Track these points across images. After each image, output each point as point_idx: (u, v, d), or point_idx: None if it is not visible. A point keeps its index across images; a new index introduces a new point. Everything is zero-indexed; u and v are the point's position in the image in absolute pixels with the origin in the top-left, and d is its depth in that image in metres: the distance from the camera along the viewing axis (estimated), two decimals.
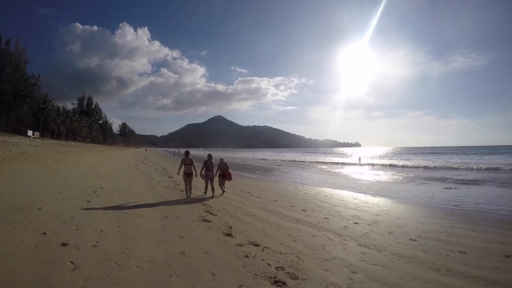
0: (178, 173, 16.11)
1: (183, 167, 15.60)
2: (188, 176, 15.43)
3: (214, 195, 16.21)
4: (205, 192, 16.48)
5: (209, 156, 16.92)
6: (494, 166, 43.90)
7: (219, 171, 17.01)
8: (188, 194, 15.47)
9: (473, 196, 19.23)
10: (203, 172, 16.21)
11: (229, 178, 17.17)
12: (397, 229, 10.68)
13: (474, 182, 27.78)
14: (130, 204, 12.41)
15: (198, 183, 17.17)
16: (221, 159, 17.56)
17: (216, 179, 16.85)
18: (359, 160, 67.85)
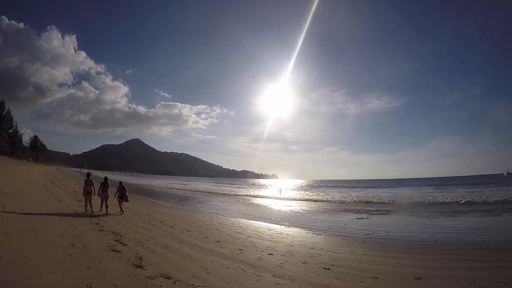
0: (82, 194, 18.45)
1: (85, 186, 17.97)
2: (88, 194, 17.82)
3: (108, 212, 18.18)
4: (100, 210, 18.31)
5: (105, 178, 19.48)
6: (403, 197, 46.64)
7: (118, 193, 19.30)
8: (89, 209, 17.66)
9: (384, 225, 20.30)
10: (99, 192, 18.37)
11: (127, 200, 19.55)
12: (311, 259, 10.82)
13: (385, 212, 29.34)
14: (34, 228, 11.42)
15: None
16: (120, 183, 20.22)
17: (113, 199, 19.11)
18: (280, 192, 68.12)
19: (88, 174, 19.03)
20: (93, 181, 18.27)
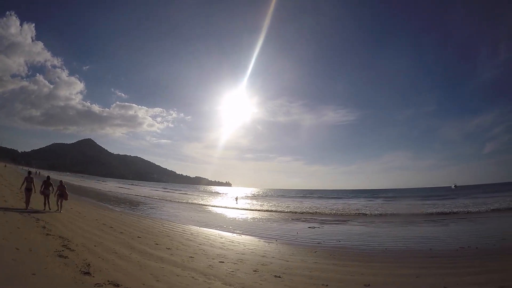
0: (20, 188, 19.88)
1: (25, 183, 18.83)
2: (28, 191, 18.59)
3: (51, 209, 19.06)
4: (44, 208, 18.91)
5: (48, 177, 20.52)
6: (354, 207, 47.98)
7: (58, 191, 19.91)
8: (27, 206, 18.14)
9: (335, 234, 20.80)
10: (42, 190, 19.28)
11: (66, 198, 20.25)
12: (262, 267, 10.88)
13: (336, 221, 30.00)
14: None
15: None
16: (61, 181, 20.78)
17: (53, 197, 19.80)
18: (236, 200, 67.71)
19: (29, 173, 20.60)
20: (33, 179, 19.28)
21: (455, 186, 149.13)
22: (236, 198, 70.67)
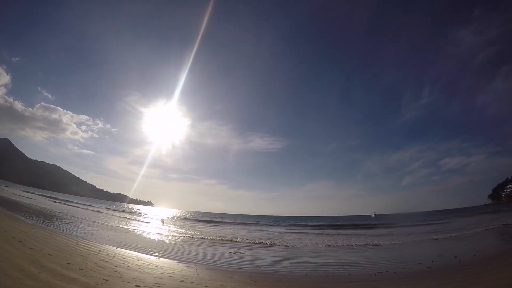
0: None
1: None
2: None
3: None
4: None
5: None
6: (277, 234, 48.72)
7: None
8: None
9: (256, 259, 20.94)
10: None
11: None
12: None
13: (258, 247, 30.21)
14: None
15: None
16: None
17: None
18: (162, 222, 66.05)
19: None
20: None
21: (375, 214, 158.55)
22: (162, 220, 69.12)
